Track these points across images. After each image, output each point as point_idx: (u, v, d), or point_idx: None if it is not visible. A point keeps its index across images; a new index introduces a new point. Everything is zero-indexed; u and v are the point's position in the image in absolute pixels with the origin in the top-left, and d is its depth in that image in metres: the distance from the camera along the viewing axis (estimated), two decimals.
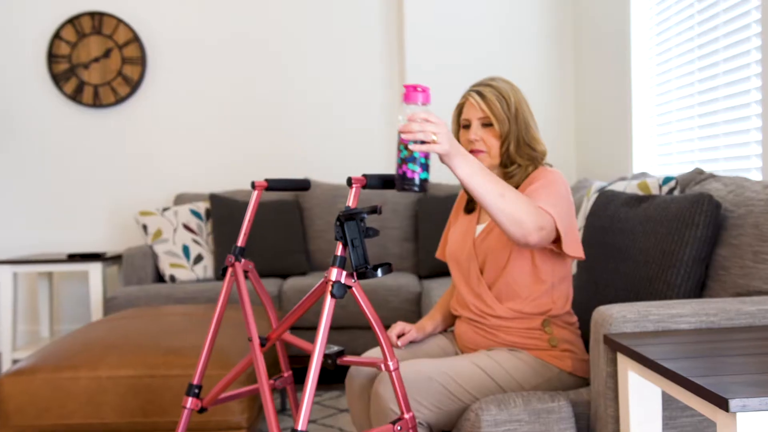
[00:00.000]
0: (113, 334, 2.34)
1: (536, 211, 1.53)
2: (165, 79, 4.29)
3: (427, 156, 1.39)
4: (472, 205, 1.87)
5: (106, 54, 4.24)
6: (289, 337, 1.75)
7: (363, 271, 1.41)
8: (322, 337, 1.44)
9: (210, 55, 4.28)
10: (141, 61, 4.25)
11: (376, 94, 4.28)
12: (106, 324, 2.51)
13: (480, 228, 1.80)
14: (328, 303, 1.44)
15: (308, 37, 4.29)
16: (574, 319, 1.81)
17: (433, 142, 1.36)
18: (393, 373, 1.50)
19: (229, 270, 1.77)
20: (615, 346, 1.38)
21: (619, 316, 1.44)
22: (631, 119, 3.23)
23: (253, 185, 1.80)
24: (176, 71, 4.29)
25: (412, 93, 1.39)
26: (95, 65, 4.24)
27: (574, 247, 1.64)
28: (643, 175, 2.63)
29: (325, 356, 1.66)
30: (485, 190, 1.46)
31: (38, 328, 4.26)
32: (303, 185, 1.89)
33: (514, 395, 1.57)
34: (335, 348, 1.67)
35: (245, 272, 1.78)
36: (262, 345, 1.64)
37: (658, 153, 3.09)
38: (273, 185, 1.83)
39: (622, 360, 1.39)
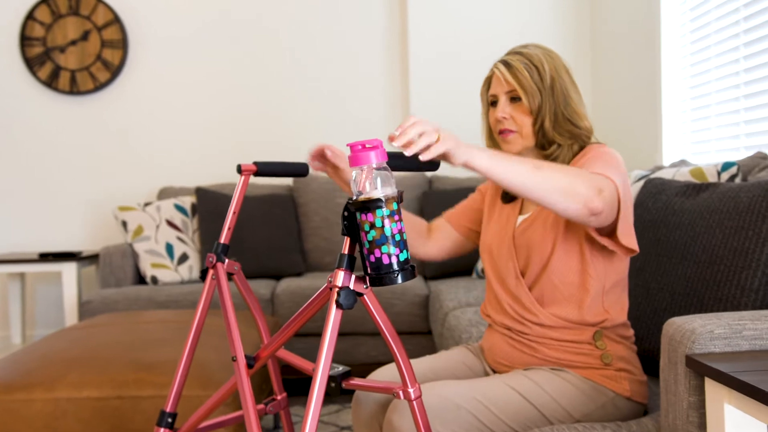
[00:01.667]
0: (79, 345, 2.01)
1: (588, 174, 1.24)
2: (148, 64, 3.96)
3: (402, 230, 1.09)
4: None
5: (84, 36, 3.91)
6: (283, 353, 1.44)
7: (379, 275, 1.10)
8: (326, 357, 1.14)
9: (197, 38, 3.95)
10: (122, 44, 3.92)
11: (376, 82, 3.96)
12: (73, 333, 2.18)
13: (522, 218, 1.49)
14: (333, 315, 1.13)
15: (304, 17, 3.97)
16: (631, 332, 1.49)
17: (438, 140, 1.11)
18: (414, 403, 1.19)
19: (210, 272, 1.45)
20: (705, 370, 1.07)
21: (705, 332, 1.13)
22: (661, 104, 2.92)
23: (240, 169, 1.48)
24: (160, 55, 3.96)
25: (361, 154, 1.06)
26: (72, 49, 3.91)
27: (629, 235, 1.35)
28: (683, 163, 2.32)
29: (328, 378, 1.35)
30: (516, 172, 1.16)
31: (9, 334, 3.92)
32: (299, 170, 1.58)
33: (565, 428, 1.26)
34: (340, 368, 1.36)
35: (229, 275, 1.46)
36: (250, 366, 1.32)
37: (692, 140, 2.78)
38: (263, 169, 1.51)
39: (713, 389, 1.07)
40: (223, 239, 1.46)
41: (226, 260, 1.45)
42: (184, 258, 3.37)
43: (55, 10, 3.89)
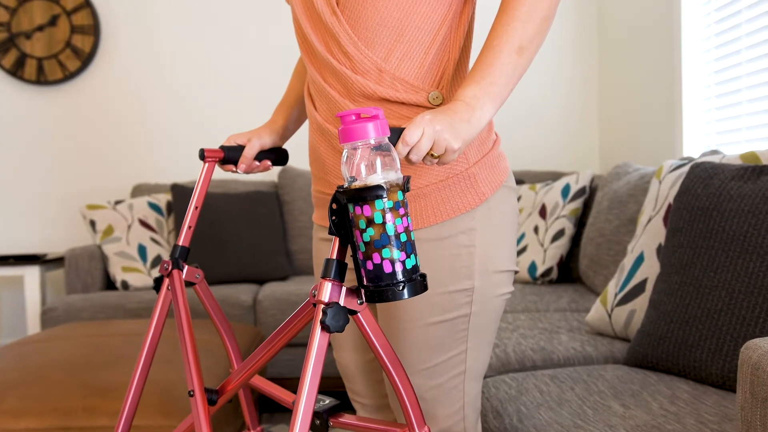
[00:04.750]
0: (22, 364, 1.72)
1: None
2: (121, 52, 3.67)
3: (409, 228, 0.84)
4: None
5: (52, 22, 3.62)
6: (256, 381, 1.16)
7: (379, 288, 0.83)
8: (309, 389, 0.87)
9: (174, 24, 3.67)
10: (93, 30, 3.63)
11: None
12: (19, 349, 1.89)
13: None
14: (318, 338, 0.87)
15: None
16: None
17: (449, 149, 0.91)
18: None
19: (165, 282, 1.17)
20: None
21: None
22: (681, 91, 2.66)
23: (203, 155, 1.20)
24: (135, 42, 3.67)
25: (353, 127, 0.81)
26: (39, 35, 3.62)
27: None
28: (714, 152, 2.06)
29: (313, 415, 1.08)
30: (510, 76, 0.98)
31: None
32: (277, 157, 1.30)
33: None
34: (327, 401, 1.09)
35: (190, 284, 1.19)
36: (212, 402, 1.04)
37: (717, 130, 2.52)
38: (231, 156, 1.23)
39: None
40: (181, 241, 1.18)
41: (186, 267, 1.17)
42: (157, 261, 3.08)
43: None
